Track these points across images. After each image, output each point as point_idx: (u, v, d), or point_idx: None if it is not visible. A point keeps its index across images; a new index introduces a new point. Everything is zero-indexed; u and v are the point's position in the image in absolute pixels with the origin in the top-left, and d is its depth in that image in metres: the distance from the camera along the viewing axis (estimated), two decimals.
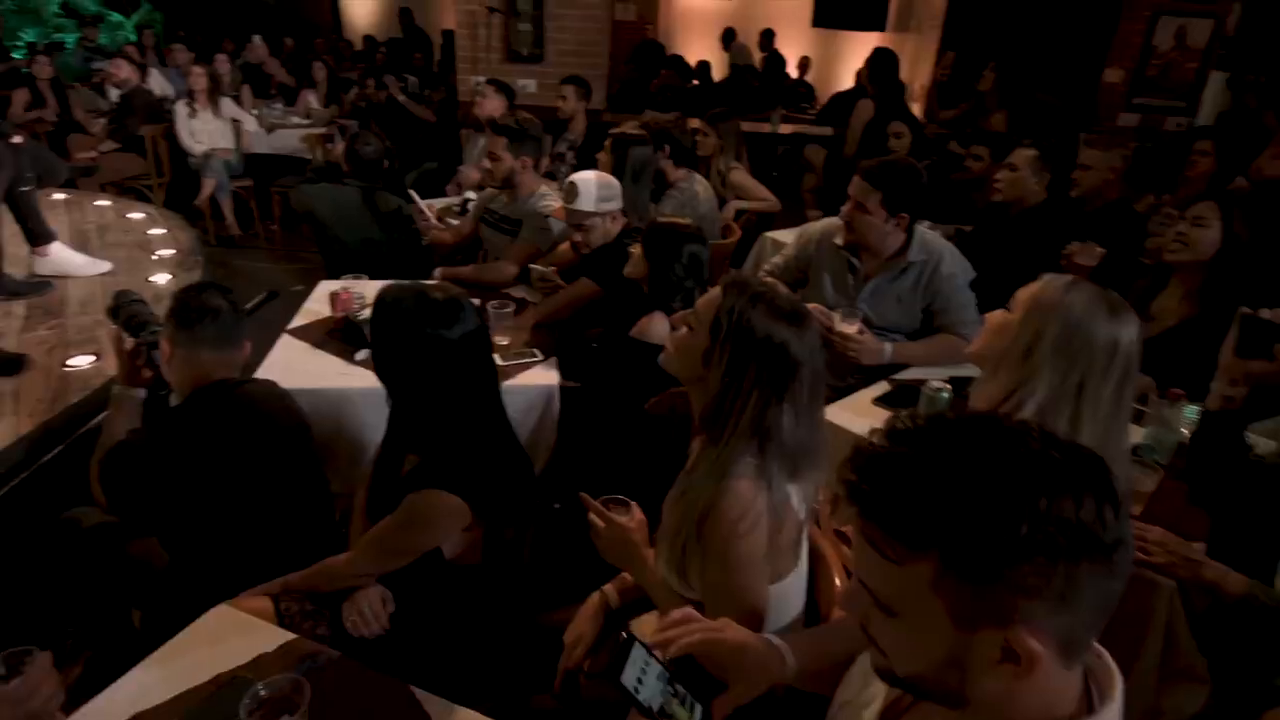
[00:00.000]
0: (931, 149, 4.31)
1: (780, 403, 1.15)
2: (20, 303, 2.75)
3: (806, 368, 1.16)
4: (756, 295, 1.17)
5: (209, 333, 1.60)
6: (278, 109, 6.23)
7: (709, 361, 1.18)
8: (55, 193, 4.12)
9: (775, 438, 1.15)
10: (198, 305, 1.60)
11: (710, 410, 1.19)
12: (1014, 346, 1.33)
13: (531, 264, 2.55)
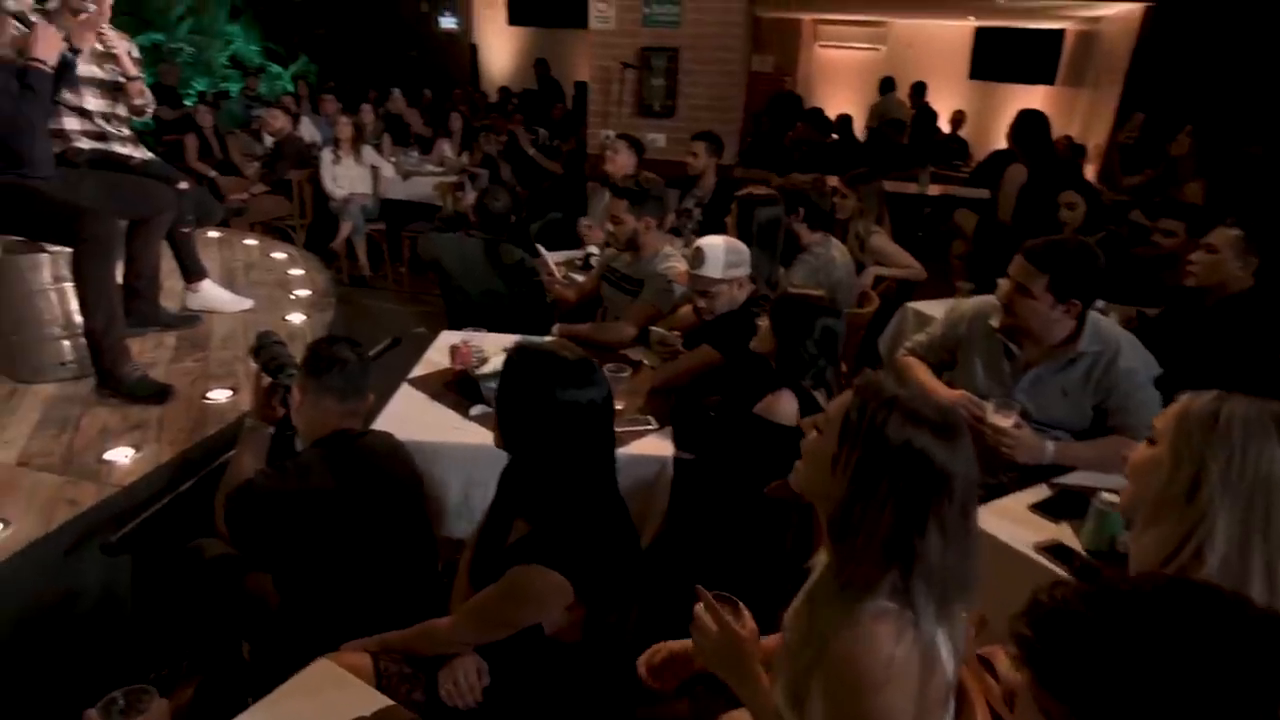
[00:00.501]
0: (1110, 217, 4.10)
1: (924, 524, 1.04)
2: (172, 334, 3.12)
3: (957, 482, 1.05)
4: (893, 398, 1.09)
5: (336, 382, 1.76)
6: (414, 157, 6.81)
7: (835, 468, 1.10)
8: (210, 230, 4.68)
9: (919, 565, 1.04)
10: (328, 356, 1.77)
11: (837, 521, 1.11)
12: (1171, 489, 1.19)
13: (651, 326, 2.63)
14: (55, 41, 2.44)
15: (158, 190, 2.96)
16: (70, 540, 1.93)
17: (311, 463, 1.70)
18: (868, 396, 1.11)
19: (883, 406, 1.08)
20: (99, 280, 2.51)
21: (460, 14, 10.98)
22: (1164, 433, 1.24)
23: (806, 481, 1.20)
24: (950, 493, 1.05)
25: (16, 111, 2.32)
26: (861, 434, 1.08)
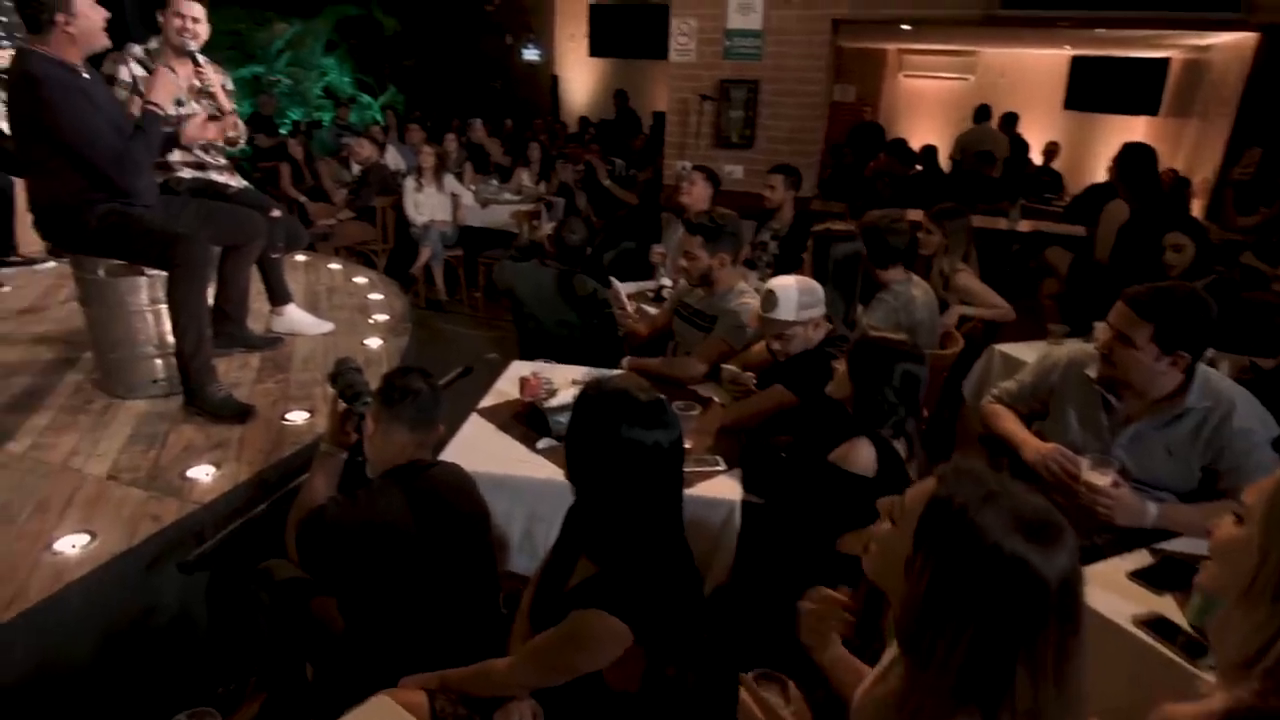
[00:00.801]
0: (1220, 259, 3.86)
1: (1014, 657, 0.88)
2: (256, 355, 3.26)
3: (1058, 605, 0.88)
4: (986, 496, 0.92)
5: (408, 413, 1.80)
6: (493, 185, 7.01)
7: (909, 572, 0.95)
8: (298, 255, 4.91)
9: (1003, 712, 0.88)
10: (401, 387, 1.81)
11: (908, 636, 0.96)
12: (1260, 581, 1.04)
13: (723, 364, 2.60)
14: (171, 87, 2.65)
15: (250, 217, 3.11)
16: (151, 555, 2.01)
17: (381, 493, 1.73)
18: (953, 493, 0.94)
19: (970, 507, 0.91)
20: (191, 303, 2.65)
21: (543, 46, 11.31)
22: (1254, 512, 1.08)
23: (877, 574, 1.08)
24: (1050, 619, 0.88)
25: (127, 150, 2.48)
26: (942, 540, 0.92)
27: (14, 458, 2.39)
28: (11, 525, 2.05)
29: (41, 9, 2.30)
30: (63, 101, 2.34)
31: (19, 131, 2.50)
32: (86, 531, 2.02)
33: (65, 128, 2.36)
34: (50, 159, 2.44)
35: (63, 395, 2.83)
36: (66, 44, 2.37)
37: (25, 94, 2.36)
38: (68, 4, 2.32)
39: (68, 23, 2.34)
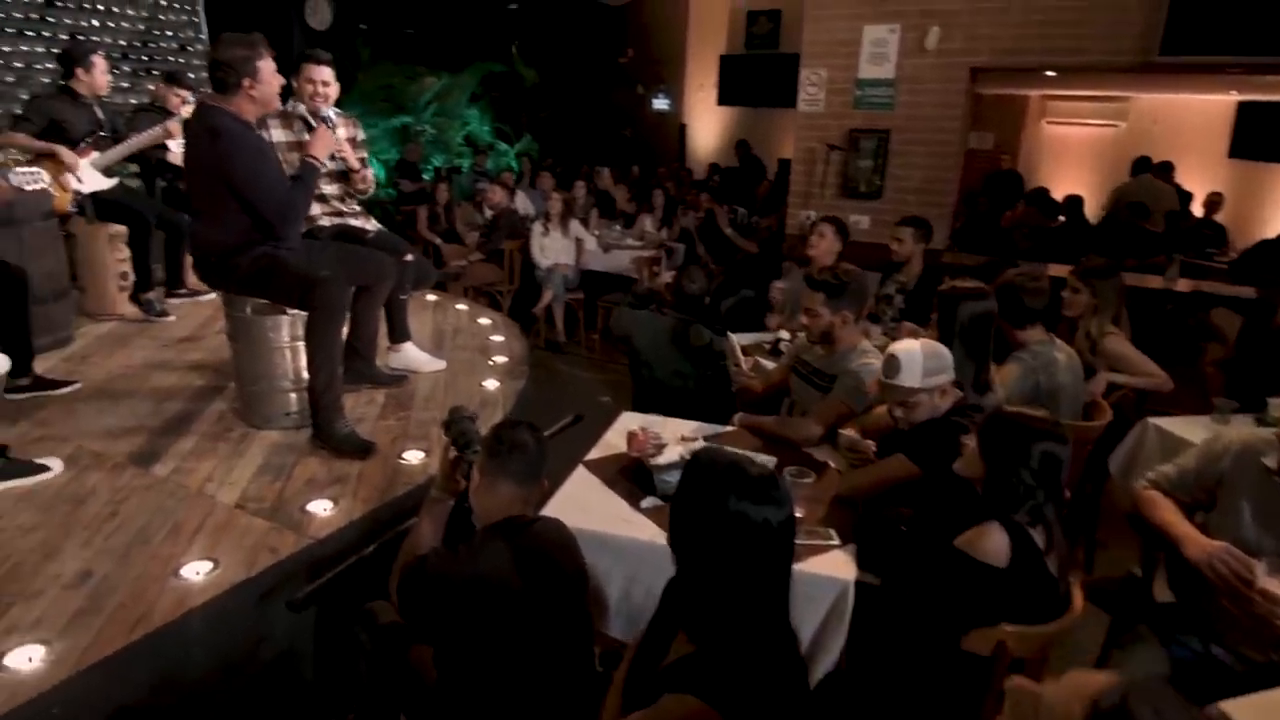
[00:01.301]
0: None
1: None
2: (382, 391, 3.37)
3: None
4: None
5: (514, 467, 1.77)
6: (616, 230, 7.11)
7: None
8: (429, 294, 5.12)
9: None
10: (509, 440, 1.78)
11: None
12: None
13: (841, 429, 2.44)
14: (330, 144, 2.86)
15: (383, 260, 3.24)
16: (266, 588, 2.07)
17: (482, 548, 1.70)
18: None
19: None
20: (326, 342, 2.77)
21: (673, 96, 11.52)
22: None
23: None
24: None
25: (290, 198, 2.69)
26: None
27: (158, 481, 2.54)
28: (146, 547, 2.17)
29: (231, 73, 2.54)
30: (240, 154, 2.56)
31: (193, 178, 2.73)
32: (211, 559, 2.10)
33: (239, 177, 2.57)
34: (220, 204, 2.64)
35: (207, 422, 3.02)
36: (246, 104, 2.60)
37: (207, 145, 2.58)
38: (255, 71, 2.56)
39: (251, 86, 2.57)
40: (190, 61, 5.88)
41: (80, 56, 3.89)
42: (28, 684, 1.66)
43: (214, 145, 2.55)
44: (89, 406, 3.10)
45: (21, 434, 2.83)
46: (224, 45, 2.58)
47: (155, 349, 3.83)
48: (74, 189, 3.91)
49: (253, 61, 2.56)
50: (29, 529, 2.23)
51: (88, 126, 3.98)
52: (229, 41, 2.58)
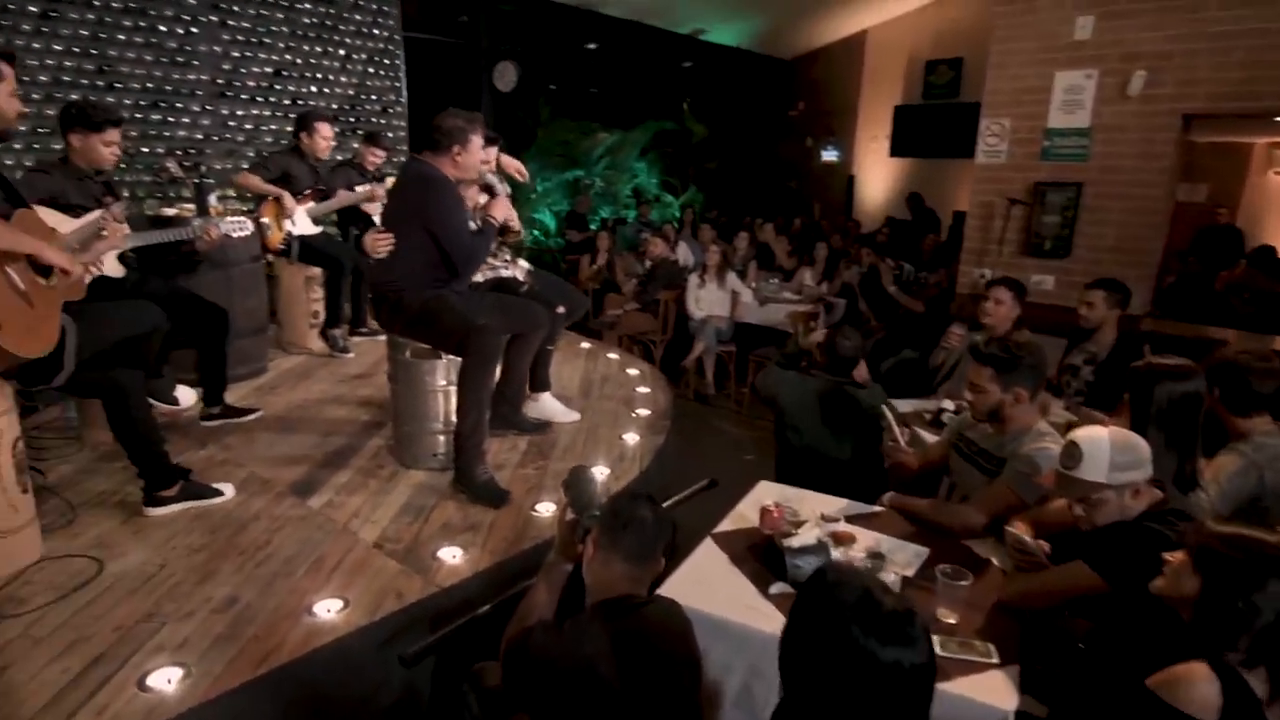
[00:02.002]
0: None
1: None
2: (524, 439, 3.40)
3: None
4: None
5: (629, 543, 1.65)
6: (774, 284, 6.93)
7: None
8: (583, 341, 5.19)
9: None
10: (626, 514, 1.67)
11: None
12: None
13: (1007, 525, 2.11)
14: (506, 208, 3.07)
15: (539, 311, 3.28)
16: (387, 634, 2.07)
17: (588, 628, 1.58)
18: None
19: None
20: (476, 388, 2.82)
21: (842, 147, 11.25)
22: None
23: None
24: None
25: (474, 246, 2.90)
26: None
27: (311, 513, 2.66)
28: (290, 579, 2.25)
29: (445, 138, 2.80)
30: (444, 200, 2.80)
31: (392, 220, 2.92)
32: (342, 598, 2.14)
33: (437, 219, 2.78)
34: (408, 246, 2.82)
35: (364, 457, 3.16)
36: (450, 167, 2.84)
37: (413, 190, 2.84)
38: (466, 142, 2.82)
39: (459, 153, 2.83)
40: (390, 122, 6.44)
41: (309, 123, 4.41)
42: (164, 706, 1.73)
43: (421, 190, 2.81)
44: (266, 435, 3.35)
45: (208, 457, 3.09)
46: (448, 115, 2.84)
47: (332, 383, 4.11)
48: (288, 230, 4.36)
49: (466, 134, 2.82)
50: (195, 549, 2.39)
51: (308, 181, 4.47)
52: (453, 113, 2.85)
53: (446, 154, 2.83)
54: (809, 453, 3.19)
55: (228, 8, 5.36)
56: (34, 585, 2.17)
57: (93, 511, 2.61)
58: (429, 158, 2.86)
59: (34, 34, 4.52)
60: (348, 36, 6.07)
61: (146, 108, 5.05)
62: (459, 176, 2.92)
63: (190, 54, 5.22)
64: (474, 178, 3.08)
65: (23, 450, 2.26)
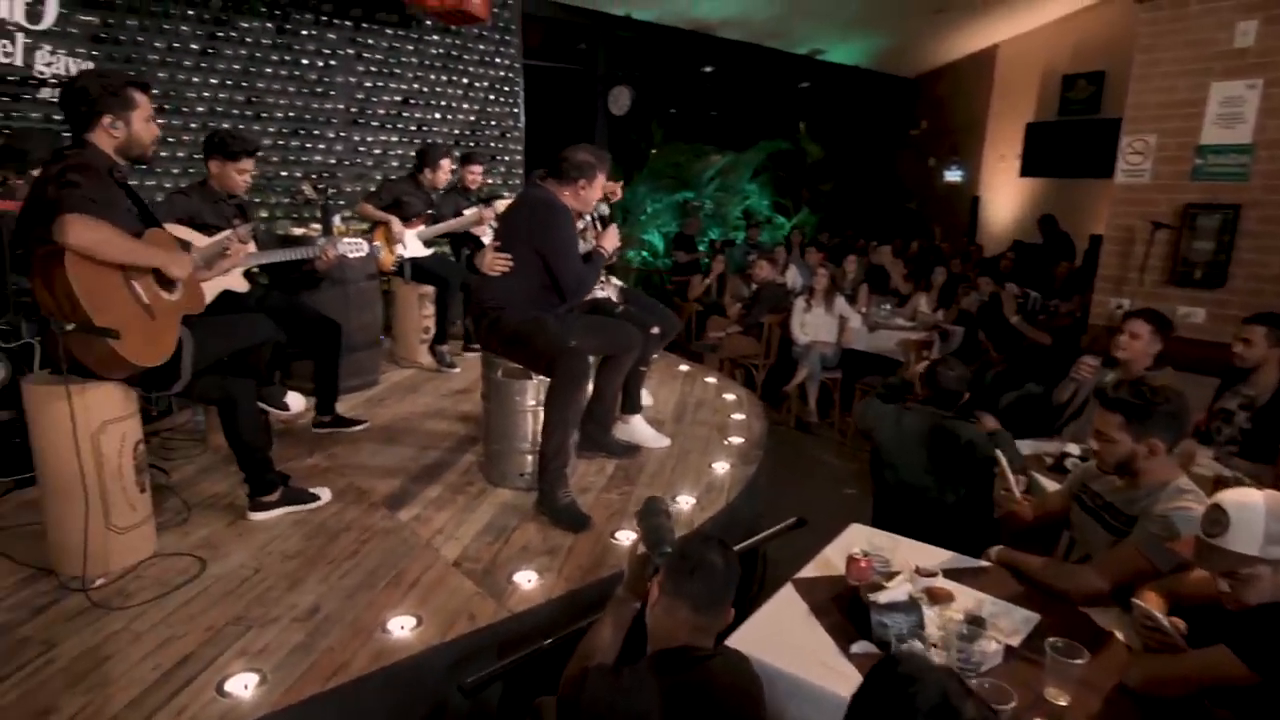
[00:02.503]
0: None
1: None
2: (612, 463, 3.33)
3: None
4: None
5: (694, 590, 1.54)
6: (886, 309, 6.59)
7: None
8: (682, 364, 5.10)
9: None
10: (693, 558, 1.56)
11: None
12: None
13: (1135, 597, 1.83)
14: (616, 239, 3.13)
15: (632, 333, 3.22)
16: (455, 657, 2.04)
17: (645, 679, 1.48)
18: None
19: None
20: (563, 410, 2.78)
21: (967, 166, 10.66)
22: None
23: None
24: None
25: (583, 273, 2.96)
26: None
27: (398, 525, 2.70)
28: (370, 592, 2.26)
29: (572, 170, 2.90)
30: (563, 227, 2.88)
31: (505, 241, 2.95)
32: (416, 615, 2.13)
33: (553, 244, 2.85)
34: (523, 267, 2.87)
35: (455, 473, 3.19)
36: (571, 198, 2.94)
37: (537, 214, 2.90)
38: (592, 177, 2.93)
39: (584, 187, 2.94)
40: (508, 146, 6.63)
41: (432, 159, 4.62)
42: (237, 712, 1.76)
43: (540, 214, 2.88)
44: (370, 445, 3.45)
45: (313, 464, 3.21)
46: (578, 149, 2.93)
47: (436, 398, 4.21)
48: (398, 253, 4.55)
49: (595, 170, 2.93)
50: (289, 556, 2.46)
51: (421, 207, 4.66)
52: (583, 148, 2.94)
53: (571, 185, 2.93)
54: (908, 494, 2.95)
55: (363, 41, 5.69)
56: (143, 580, 2.29)
57: (205, 512, 2.75)
58: (552, 186, 2.95)
59: (194, 69, 4.94)
60: (471, 65, 6.31)
61: (288, 135, 5.41)
62: (575, 208, 2.99)
63: (328, 85, 5.56)
64: (589, 210, 3.15)
65: (143, 452, 2.40)
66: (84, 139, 2.20)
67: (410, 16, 5.80)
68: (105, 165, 2.20)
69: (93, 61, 4.15)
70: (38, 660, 1.90)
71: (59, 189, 2.01)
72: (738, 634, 1.84)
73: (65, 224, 1.96)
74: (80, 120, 2.20)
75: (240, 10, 5.07)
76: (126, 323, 2.10)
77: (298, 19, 5.33)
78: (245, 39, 5.13)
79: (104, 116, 2.21)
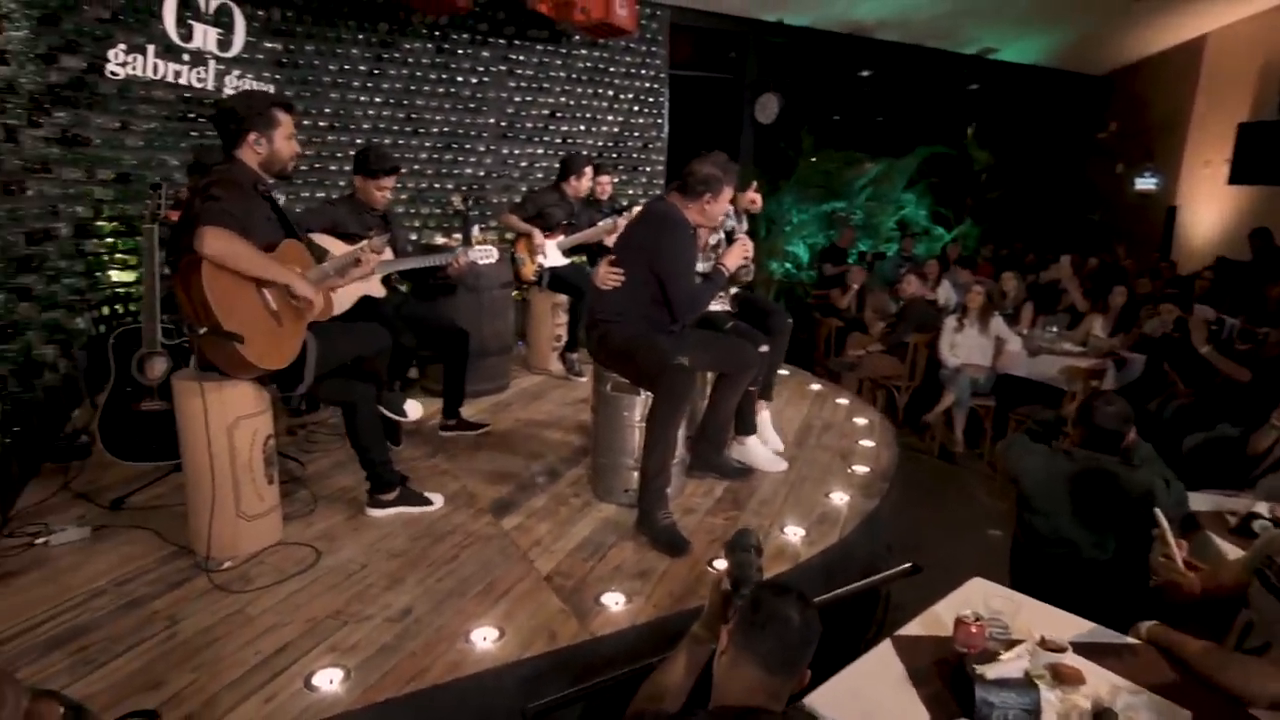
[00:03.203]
0: None
1: None
2: (721, 485, 3.20)
3: None
4: None
5: (765, 646, 1.40)
6: (1051, 332, 5.96)
7: None
8: (814, 383, 4.86)
9: None
10: (766, 610, 1.42)
11: None
12: None
13: None
14: (741, 255, 2.96)
15: (744, 348, 3.10)
16: (530, 674, 2.01)
17: None
18: None
19: None
20: (664, 428, 2.71)
21: (1163, 173, 9.47)
22: None
23: None
24: None
25: (696, 292, 2.87)
26: None
27: (499, 533, 2.73)
28: (461, 599, 2.29)
29: (697, 185, 2.81)
30: (678, 243, 2.81)
31: (622, 253, 2.94)
32: (499, 628, 2.13)
33: (666, 260, 2.78)
34: (637, 281, 2.82)
35: (564, 484, 3.19)
36: (697, 213, 2.86)
37: (652, 226, 2.87)
38: (719, 191, 2.82)
39: (708, 201, 2.84)
40: (650, 157, 6.66)
41: (575, 167, 4.69)
42: (318, 707, 1.82)
43: (657, 229, 2.83)
44: (489, 450, 3.54)
45: (432, 465, 3.34)
46: (704, 161, 2.84)
47: (559, 405, 4.27)
48: (539, 263, 4.67)
49: (720, 184, 2.82)
50: (394, 554, 2.56)
51: (562, 217, 4.76)
52: (710, 160, 2.85)
53: (696, 200, 2.84)
54: (1052, 548, 2.59)
55: (515, 57, 5.92)
56: (263, 567, 2.45)
57: (330, 505, 2.92)
58: (676, 199, 2.89)
59: (361, 89, 5.35)
60: (616, 78, 6.39)
61: (441, 149, 5.74)
62: (700, 223, 2.91)
63: (481, 100, 5.84)
64: (716, 225, 3.06)
65: (273, 447, 2.58)
66: (232, 155, 2.40)
67: (560, 32, 5.97)
68: (250, 180, 2.38)
69: (274, 85, 4.57)
70: (161, 634, 2.08)
71: (203, 202, 2.20)
72: (821, 690, 1.67)
73: (203, 235, 2.14)
74: (229, 137, 2.40)
75: (404, 33, 5.43)
76: (252, 328, 2.26)
77: (455, 39, 5.63)
78: (407, 59, 5.49)
79: (250, 134, 2.40)
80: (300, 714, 1.79)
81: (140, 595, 2.26)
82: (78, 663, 1.93)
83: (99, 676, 1.89)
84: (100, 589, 2.28)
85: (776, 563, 2.56)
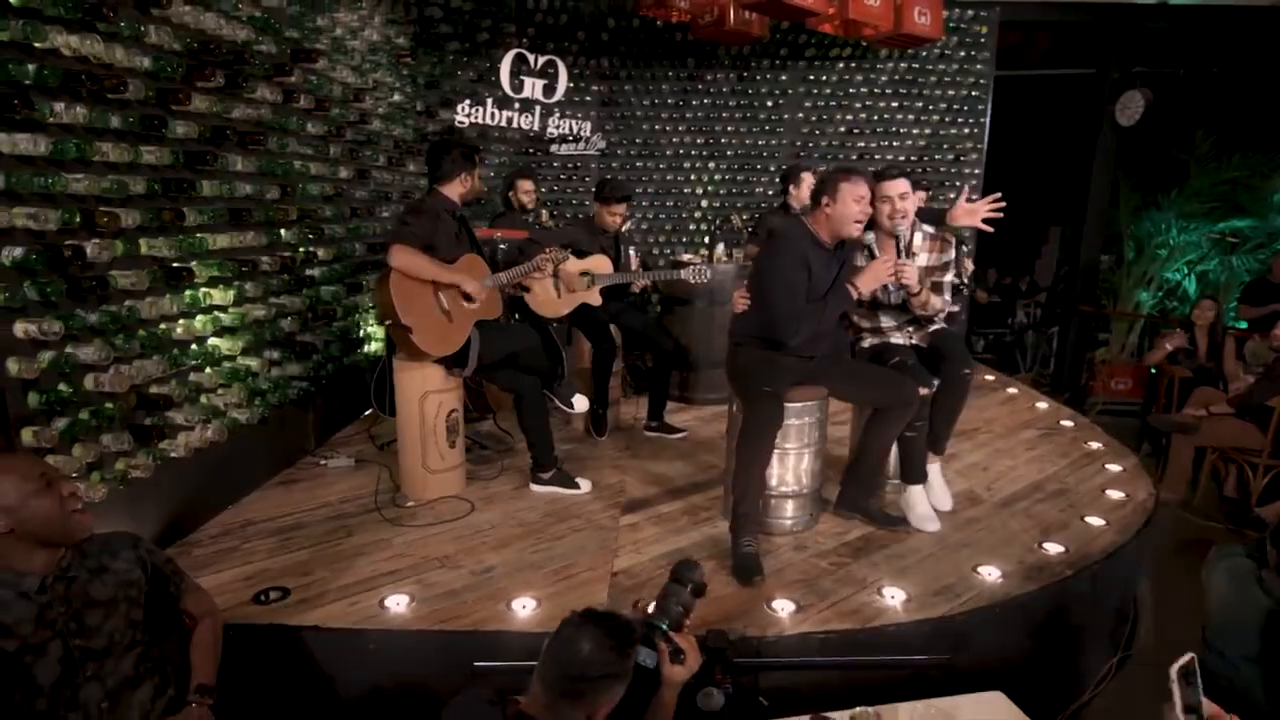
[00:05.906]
0: None
1: None
2: (860, 530, 2.95)
3: None
4: None
5: (548, 664, 1.47)
6: None
7: None
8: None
9: None
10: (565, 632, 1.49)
11: None
12: None
13: None
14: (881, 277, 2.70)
15: (898, 384, 2.80)
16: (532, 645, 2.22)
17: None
18: None
19: None
20: (746, 455, 2.67)
21: None
22: None
23: None
24: None
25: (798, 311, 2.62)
26: None
27: (613, 526, 2.96)
28: (536, 572, 2.61)
29: (816, 192, 2.68)
30: (778, 257, 2.68)
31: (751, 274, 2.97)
32: (539, 600, 2.39)
33: (764, 276, 2.72)
34: (756, 302, 2.78)
35: (702, 496, 3.27)
36: (822, 221, 2.66)
37: (765, 245, 2.97)
38: (836, 191, 2.59)
39: (828, 205, 2.62)
40: (961, 170, 6.01)
41: (794, 176, 4.55)
42: (379, 619, 2.31)
43: (762, 244, 2.91)
44: (663, 454, 3.77)
45: (610, 458, 3.70)
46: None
47: None
48: None
49: (835, 183, 2.59)
50: (521, 523, 2.98)
51: None
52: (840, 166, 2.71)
53: (818, 210, 2.65)
54: (1228, 692, 1.90)
55: (814, 77, 5.91)
56: (432, 512, 3.07)
57: (513, 475, 3.47)
58: (804, 214, 2.79)
59: (668, 120, 5.91)
60: (927, 88, 5.93)
61: (735, 170, 6.02)
62: (834, 231, 2.64)
63: (776, 122, 5.97)
64: (852, 232, 2.63)
65: (456, 417, 3.20)
66: (433, 187, 3.04)
67: (866, 47, 5.77)
68: (444, 208, 3.00)
69: (590, 121, 5.33)
70: (337, 537, 2.81)
71: (398, 225, 2.88)
72: None
73: (391, 250, 2.81)
74: (435, 172, 3.03)
75: (709, 65, 5.84)
76: (423, 322, 2.88)
77: (755, 65, 5.85)
78: (710, 89, 5.88)
79: (460, 174, 3.02)
80: (364, 620, 2.31)
81: (344, 512, 3.05)
82: (276, 546, 2.74)
83: (282, 558, 2.66)
84: (328, 501, 3.14)
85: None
